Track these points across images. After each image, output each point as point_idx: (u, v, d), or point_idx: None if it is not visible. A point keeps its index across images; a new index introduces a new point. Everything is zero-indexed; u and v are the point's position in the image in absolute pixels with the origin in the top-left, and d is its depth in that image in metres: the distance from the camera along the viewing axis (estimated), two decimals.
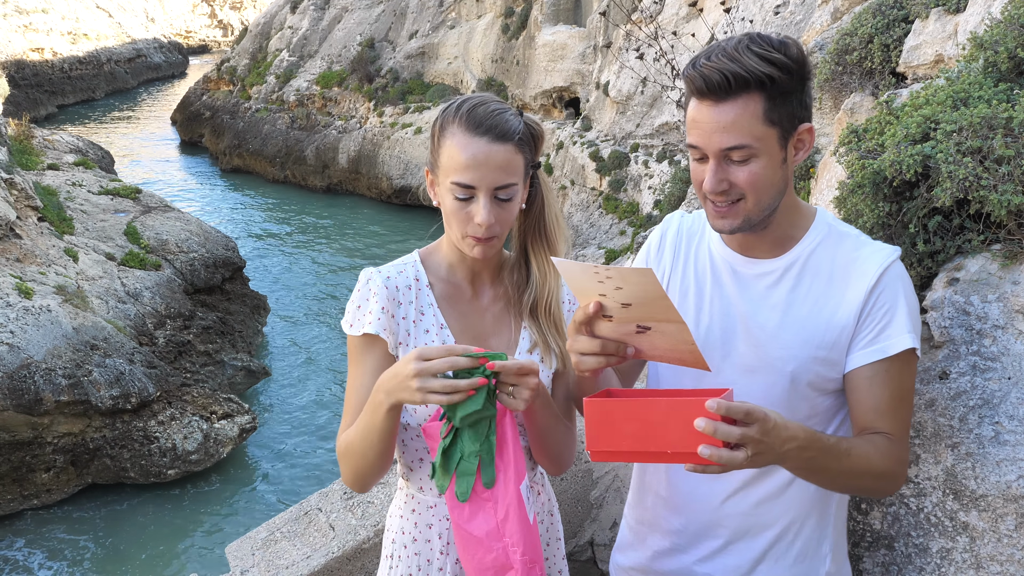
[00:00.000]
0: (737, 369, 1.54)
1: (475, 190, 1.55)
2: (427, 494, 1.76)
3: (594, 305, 1.34)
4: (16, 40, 34.45)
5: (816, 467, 1.37)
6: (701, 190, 1.48)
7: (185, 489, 10.21)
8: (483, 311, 1.73)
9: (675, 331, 1.32)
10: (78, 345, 9.97)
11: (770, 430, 1.23)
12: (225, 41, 51.94)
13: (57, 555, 9.20)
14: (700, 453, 1.20)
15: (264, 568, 2.43)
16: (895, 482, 1.50)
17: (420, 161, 22.09)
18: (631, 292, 1.29)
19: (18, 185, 11.52)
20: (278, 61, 27.33)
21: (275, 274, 17.89)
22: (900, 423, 1.49)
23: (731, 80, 1.36)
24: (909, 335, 1.47)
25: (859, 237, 1.56)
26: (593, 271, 1.30)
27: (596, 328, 1.38)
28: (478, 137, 1.55)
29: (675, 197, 12.02)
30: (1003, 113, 1.72)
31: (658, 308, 1.30)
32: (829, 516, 1.62)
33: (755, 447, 1.22)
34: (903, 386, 1.49)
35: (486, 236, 1.58)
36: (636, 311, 1.32)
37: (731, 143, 1.40)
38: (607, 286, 1.31)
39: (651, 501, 1.73)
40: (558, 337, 1.72)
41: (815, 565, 1.62)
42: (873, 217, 1.89)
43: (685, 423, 1.21)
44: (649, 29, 11.16)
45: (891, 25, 3.18)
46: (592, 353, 1.38)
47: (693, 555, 1.65)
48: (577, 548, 2.66)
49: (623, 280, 1.28)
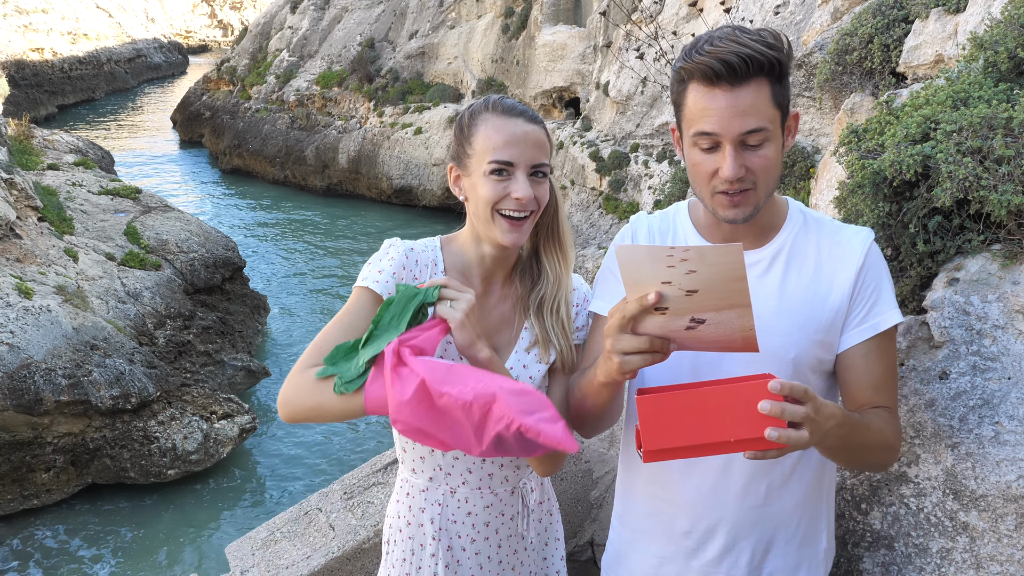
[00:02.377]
0: (738, 362, 1.54)
1: (513, 167, 1.62)
2: (419, 476, 1.78)
3: (655, 295, 1.25)
4: (16, 40, 34.44)
5: (847, 443, 1.39)
6: (710, 182, 1.47)
7: (185, 489, 10.21)
8: (489, 310, 1.75)
9: (735, 318, 1.25)
10: (78, 345, 9.97)
11: (820, 408, 1.25)
12: (225, 41, 51.95)
13: (57, 555, 9.19)
14: (768, 436, 1.19)
15: (264, 568, 2.43)
16: (896, 453, 1.56)
17: (420, 161, 22.09)
18: (706, 275, 1.21)
19: (18, 185, 11.52)
20: (278, 61, 27.32)
21: (275, 274, 17.88)
22: (893, 396, 1.56)
23: (748, 62, 1.38)
24: (896, 310, 1.54)
25: (832, 222, 1.61)
26: (667, 253, 1.21)
27: (641, 325, 1.30)
28: (514, 118, 1.64)
29: (675, 197, 12.02)
30: (1003, 113, 1.72)
31: (730, 291, 1.22)
32: (822, 497, 1.66)
33: (811, 426, 1.22)
34: (892, 360, 1.56)
35: (524, 212, 1.63)
36: (700, 299, 1.24)
37: (751, 126, 1.41)
38: (678, 270, 1.22)
39: (650, 507, 1.70)
40: (562, 337, 1.73)
41: (816, 546, 1.65)
42: (873, 217, 1.89)
43: (747, 408, 1.19)
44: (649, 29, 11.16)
45: (891, 25, 3.19)
46: (638, 352, 1.31)
47: (703, 556, 1.64)
48: (577, 548, 2.66)
49: (702, 260, 1.20)
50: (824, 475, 1.64)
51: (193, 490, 10.23)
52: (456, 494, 1.76)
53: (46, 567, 9.01)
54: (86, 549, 9.31)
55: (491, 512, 1.78)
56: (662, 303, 1.26)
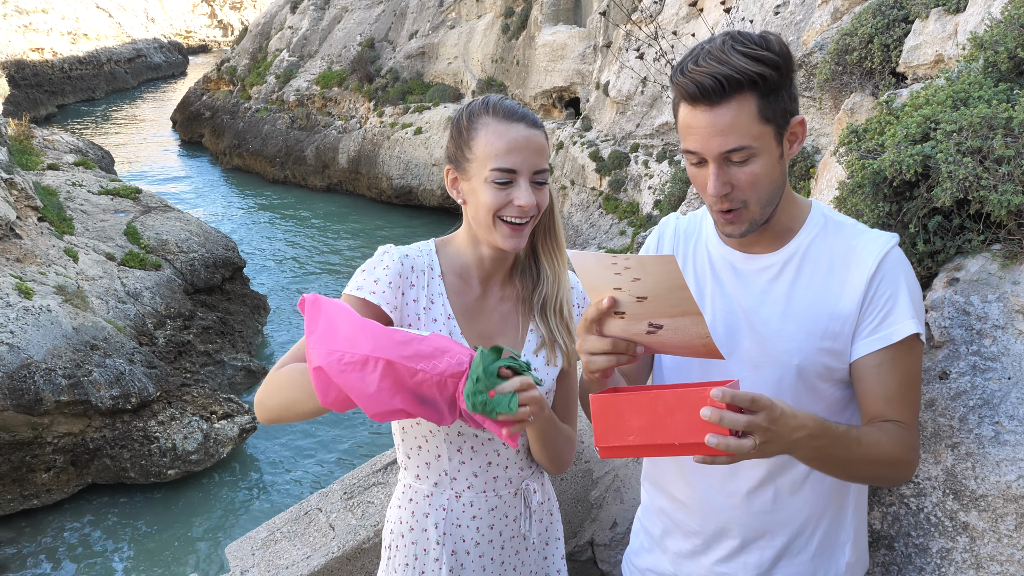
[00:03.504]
0: (743, 365, 1.54)
1: (516, 174, 1.59)
2: (423, 482, 1.77)
3: (608, 300, 1.32)
4: (16, 40, 34.45)
5: (827, 456, 1.36)
6: (704, 194, 1.48)
7: (185, 489, 10.21)
8: (490, 311, 1.75)
9: (690, 325, 1.30)
10: (78, 345, 9.97)
11: (777, 418, 1.23)
12: (225, 41, 51.95)
13: (57, 555, 9.19)
14: (707, 442, 1.19)
15: (264, 568, 2.43)
16: (908, 469, 1.49)
17: (420, 161, 22.09)
18: (649, 283, 1.28)
19: (18, 185, 11.52)
20: (278, 61, 27.33)
21: (275, 274, 17.89)
22: (909, 409, 1.49)
23: (724, 83, 1.36)
24: (912, 320, 1.46)
25: (856, 226, 1.56)
26: (611, 262, 1.28)
27: (606, 327, 1.37)
28: (515, 123, 1.60)
29: (675, 197, 12.02)
30: (1003, 113, 1.72)
31: (676, 300, 1.28)
32: (847, 509, 1.62)
33: (763, 435, 1.22)
34: (910, 372, 1.49)
35: (524, 219, 1.61)
36: (651, 305, 1.30)
37: (731, 145, 1.39)
38: (624, 278, 1.29)
39: (667, 504, 1.72)
40: (567, 337, 1.73)
41: (836, 558, 1.62)
42: (873, 217, 1.89)
43: (692, 413, 1.21)
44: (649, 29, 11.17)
45: (891, 25, 3.19)
46: (602, 352, 1.37)
47: (712, 556, 1.64)
48: (577, 548, 2.66)
49: (642, 269, 1.27)
50: (847, 486, 1.60)
51: (193, 490, 10.23)
52: (461, 498, 1.76)
53: (46, 567, 9.01)
54: (86, 549, 9.32)
55: (495, 515, 1.78)
56: (618, 308, 1.33)
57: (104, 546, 9.38)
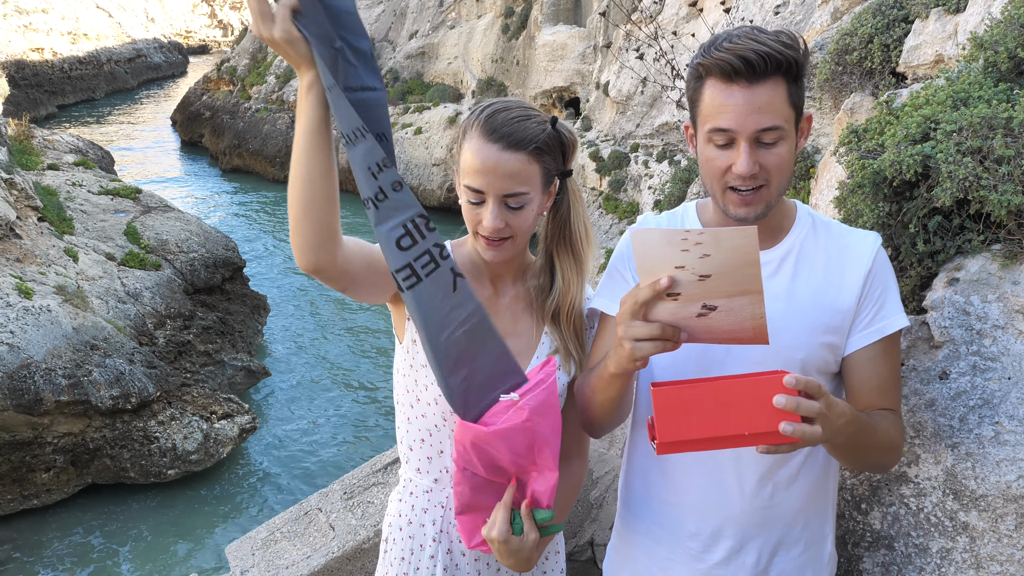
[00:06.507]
0: (745, 362, 1.53)
1: (484, 195, 1.58)
2: (424, 477, 1.77)
3: (667, 279, 1.24)
4: (16, 40, 34.44)
5: (855, 442, 1.40)
6: (723, 178, 1.47)
7: (185, 489, 10.20)
8: (503, 310, 1.74)
9: (746, 304, 1.25)
10: (78, 345, 9.97)
11: (832, 405, 1.26)
12: (225, 41, 51.96)
13: (57, 555, 9.19)
14: (783, 430, 1.19)
15: (264, 568, 2.43)
16: (899, 454, 1.58)
17: (420, 161, 22.08)
18: (720, 259, 1.21)
19: (18, 185, 11.52)
20: (278, 61, 27.31)
21: (275, 274, 17.88)
22: (897, 398, 1.58)
23: (767, 60, 1.38)
24: (902, 314, 1.56)
25: (839, 225, 1.62)
26: (681, 237, 1.21)
27: (653, 312, 1.29)
28: (490, 144, 1.56)
29: (675, 197, 12.02)
30: (1003, 113, 1.72)
31: (741, 277, 1.22)
32: (829, 499, 1.66)
33: (823, 422, 1.23)
34: (896, 363, 1.58)
35: (496, 239, 1.60)
36: (712, 284, 1.24)
37: (767, 123, 1.41)
38: (691, 254, 1.22)
39: (655, 509, 1.69)
40: (577, 346, 1.73)
41: (821, 548, 1.65)
42: (873, 217, 1.89)
43: (762, 402, 1.20)
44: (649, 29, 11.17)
45: (891, 25, 3.19)
46: (649, 338, 1.30)
47: (708, 560, 1.63)
48: (577, 548, 2.66)
49: (716, 243, 1.20)
50: (829, 478, 1.64)
51: (193, 490, 10.23)
52: None
53: (46, 567, 9.01)
54: (86, 549, 9.31)
55: None
56: (674, 288, 1.26)
57: (104, 546, 9.38)
